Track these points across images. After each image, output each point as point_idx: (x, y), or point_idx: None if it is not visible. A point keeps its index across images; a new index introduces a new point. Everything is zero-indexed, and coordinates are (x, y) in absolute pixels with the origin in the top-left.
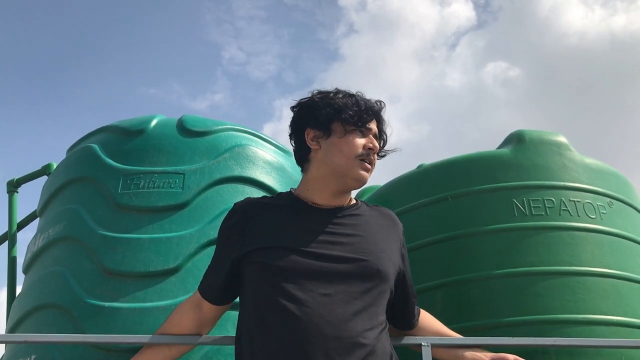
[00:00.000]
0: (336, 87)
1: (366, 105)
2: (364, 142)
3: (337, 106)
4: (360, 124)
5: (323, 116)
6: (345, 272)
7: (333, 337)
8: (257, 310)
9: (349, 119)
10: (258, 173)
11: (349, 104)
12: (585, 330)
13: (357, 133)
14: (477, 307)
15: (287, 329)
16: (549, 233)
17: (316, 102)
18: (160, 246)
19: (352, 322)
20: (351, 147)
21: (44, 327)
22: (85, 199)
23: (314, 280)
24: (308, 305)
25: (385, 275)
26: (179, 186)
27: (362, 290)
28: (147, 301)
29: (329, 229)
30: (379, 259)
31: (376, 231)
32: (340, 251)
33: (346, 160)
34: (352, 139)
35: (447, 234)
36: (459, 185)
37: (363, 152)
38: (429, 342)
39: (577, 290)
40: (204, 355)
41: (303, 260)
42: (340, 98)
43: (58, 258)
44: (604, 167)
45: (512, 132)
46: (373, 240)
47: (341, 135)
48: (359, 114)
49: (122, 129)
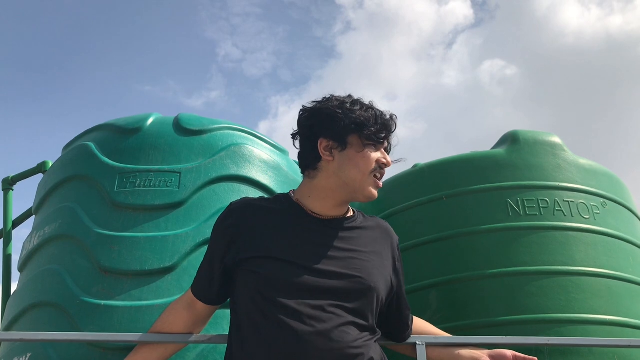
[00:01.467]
0: (350, 95)
1: (384, 121)
2: (377, 157)
3: (359, 121)
4: (379, 140)
5: (342, 129)
6: (338, 288)
7: (324, 349)
8: (249, 317)
9: (371, 136)
10: (254, 172)
11: (370, 118)
12: (579, 329)
13: (372, 147)
14: (471, 306)
15: (279, 340)
16: (542, 233)
17: (335, 113)
18: (156, 245)
19: (343, 333)
20: (367, 162)
21: (40, 326)
22: (82, 197)
23: (307, 294)
24: (300, 318)
25: (376, 292)
26: (175, 185)
27: (354, 306)
28: (143, 300)
29: (324, 241)
30: (372, 275)
31: (371, 245)
32: (334, 266)
33: (361, 177)
34: (368, 154)
35: (441, 233)
36: (454, 185)
37: (376, 167)
38: (423, 342)
39: (570, 289)
40: (200, 353)
41: (297, 273)
42: (360, 110)
43: (54, 256)
44: (597, 168)
45: (507, 133)
46: (367, 255)
47: (359, 150)
48: (380, 130)
49: (118, 127)
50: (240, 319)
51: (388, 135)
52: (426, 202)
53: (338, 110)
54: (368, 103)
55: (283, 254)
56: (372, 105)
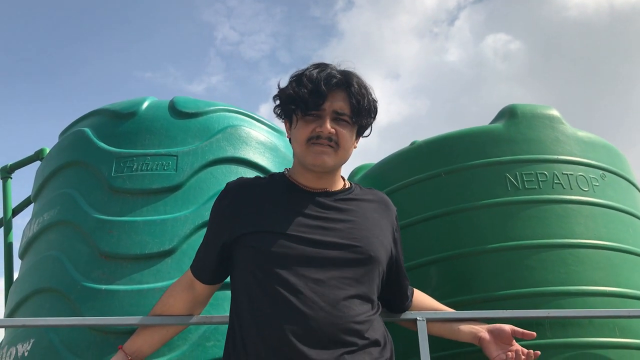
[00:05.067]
0: (313, 64)
1: (313, 88)
2: (313, 126)
3: (289, 99)
4: (305, 113)
5: (283, 109)
6: (337, 259)
7: (326, 323)
8: (249, 294)
9: (296, 110)
10: (251, 153)
11: (298, 91)
12: (578, 301)
13: (312, 118)
14: (471, 281)
15: (280, 314)
16: (541, 206)
17: (279, 94)
18: (155, 228)
19: (345, 307)
20: (301, 133)
21: (42, 311)
22: (79, 183)
23: (306, 267)
24: (301, 291)
25: (377, 261)
26: (172, 168)
27: (355, 276)
28: (143, 283)
29: (322, 214)
30: (371, 244)
31: (369, 216)
32: (333, 237)
33: (300, 148)
34: (302, 125)
35: (440, 209)
36: (452, 161)
37: (312, 136)
38: (424, 317)
39: (570, 262)
40: (202, 334)
41: (296, 246)
42: (292, 86)
43: (53, 242)
44: (596, 140)
45: (505, 107)
46: (365, 225)
47: (295, 125)
48: (303, 101)
49: (113, 112)
50: (241, 297)
51: (317, 102)
52: (425, 179)
53: (280, 92)
54: (309, 70)
55: (281, 228)
56: (310, 72)
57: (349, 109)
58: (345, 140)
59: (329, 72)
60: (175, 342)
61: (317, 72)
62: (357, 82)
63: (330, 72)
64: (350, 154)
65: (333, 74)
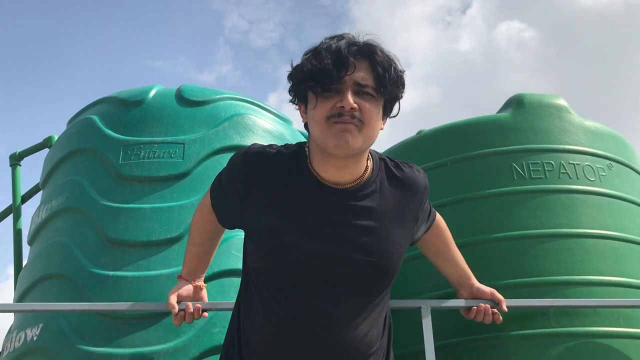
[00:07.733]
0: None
1: (335, 58)
2: (333, 102)
3: (307, 75)
4: (325, 89)
5: (297, 90)
6: (347, 274)
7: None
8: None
9: (315, 87)
10: (258, 142)
11: (316, 64)
12: (584, 291)
13: (331, 94)
14: (477, 270)
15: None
16: (548, 196)
17: (291, 73)
18: (162, 215)
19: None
20: (320, 112)
21: (50, 297)
22: (87, 170)
23: (312, 282)
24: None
25: (392, 273)
26: (179, 156)
27: (367, 291)
28: (150, 269)
29: (337, 218)
30: (387, 256)
31: (389, 212)
32: (347, 249)
33: (320, 129)
34: (321, 103)
35: (446, 198)
36: (459, 150)
37: (332, 114)
38: (428, 305)
39: (575, 252)
40: (208, 321)
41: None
42: (309, 61)
43: (62, 229)
44: (603, 130)
45: (512, 96)
46: (385, 229)
47: (313, 105)
48: (325, 74)
49: (121, 100)
50: (248, 288)
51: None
52: (431, 168)
53: (293, 71)
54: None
55: (290, 233)
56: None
57: (372, 79)
58: (370, 115)
59: (349, 40)
60: (182, 329)
61: (335, 42)
62: (380, 50)
63: (349, 39)
64: (377, 134)
65: (353, 41)
